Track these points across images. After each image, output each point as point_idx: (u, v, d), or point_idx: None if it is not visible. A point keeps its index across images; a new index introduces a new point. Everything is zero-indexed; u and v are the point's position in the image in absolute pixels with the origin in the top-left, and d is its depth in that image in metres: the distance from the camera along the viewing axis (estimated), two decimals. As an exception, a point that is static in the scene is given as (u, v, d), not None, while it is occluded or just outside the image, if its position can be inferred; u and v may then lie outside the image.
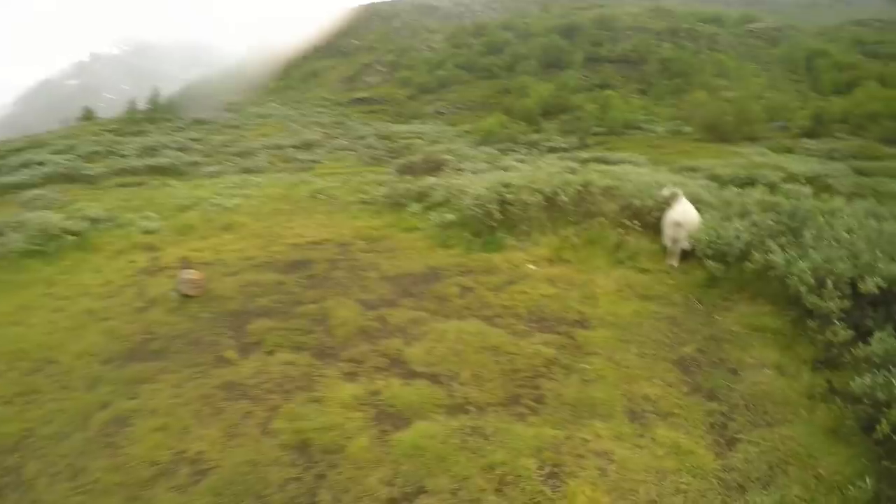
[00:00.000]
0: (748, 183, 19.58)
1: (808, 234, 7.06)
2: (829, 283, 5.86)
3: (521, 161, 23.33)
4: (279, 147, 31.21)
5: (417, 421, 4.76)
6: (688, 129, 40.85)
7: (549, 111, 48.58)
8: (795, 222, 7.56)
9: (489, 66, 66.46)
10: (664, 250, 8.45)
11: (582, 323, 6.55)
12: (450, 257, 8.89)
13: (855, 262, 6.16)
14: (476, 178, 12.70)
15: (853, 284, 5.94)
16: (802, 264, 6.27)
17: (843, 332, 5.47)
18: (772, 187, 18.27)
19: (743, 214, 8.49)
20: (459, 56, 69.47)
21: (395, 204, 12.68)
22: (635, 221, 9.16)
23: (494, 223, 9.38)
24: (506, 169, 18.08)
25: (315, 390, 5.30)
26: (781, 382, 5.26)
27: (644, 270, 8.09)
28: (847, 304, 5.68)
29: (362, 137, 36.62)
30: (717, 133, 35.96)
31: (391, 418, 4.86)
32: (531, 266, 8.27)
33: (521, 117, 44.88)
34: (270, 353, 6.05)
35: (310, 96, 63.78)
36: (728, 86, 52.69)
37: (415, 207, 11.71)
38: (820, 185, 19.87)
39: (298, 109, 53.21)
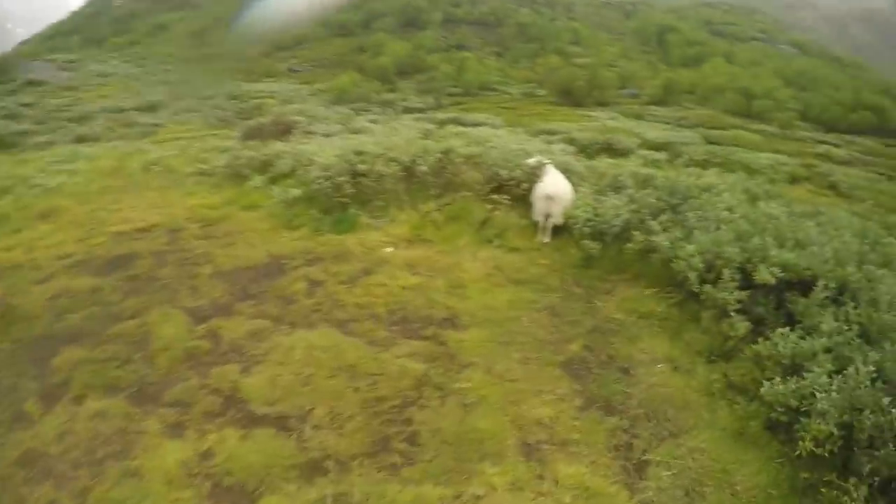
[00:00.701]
0: (606, 148, 19.83)
1: (690, 214, 6.52)
2: (725, 272, 5.30)
3: (375, 122, 22.29)
4: (120, 110, 27.64)
5: (266, 496, 3.54)
6: (542, 92, 42.15)
7: (405, 70, 48.18)
8: (675, 199, 7.02)
9: (345, 23, 64.19)
10: (535, 226, 7.65)
11: (452, 321, 5.52)
12: (296, 241, 7.48)
13: (742, 245, 5.68)
14: (326, 144, 11.25)
15: (743, 270, 5.46)
16: (689, 248, 5.67)
17: (742, 325, 4.95)
18: (644, 159, 18.80)
19: (617, 188, 7.89)
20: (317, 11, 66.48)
21: (237, 176, 10.87)
22: (503, 195, 8.24)
23: (346, 198, 8.09)
24: (359, 131, 16.76)
25: (132, 456, 3.88)
26: (678, 380, 4.76)
27: (514, 249, 7.23)
28: (743, 294, 5.12)
29: (210, 98, 33.32)
30: (571, 97, 37.54)
31: (231, 496, 3.59)
32: (389, 249, 7.13)
33: (376, 76, 44.15)
34: (79, 399, 4.48)
35: (156, 52, 58.45)
36: (582, 53, 54.83)
37: (257, 180, 10.03)
38: (674, 152, 20.63)
39: (143, 67, 48.44)
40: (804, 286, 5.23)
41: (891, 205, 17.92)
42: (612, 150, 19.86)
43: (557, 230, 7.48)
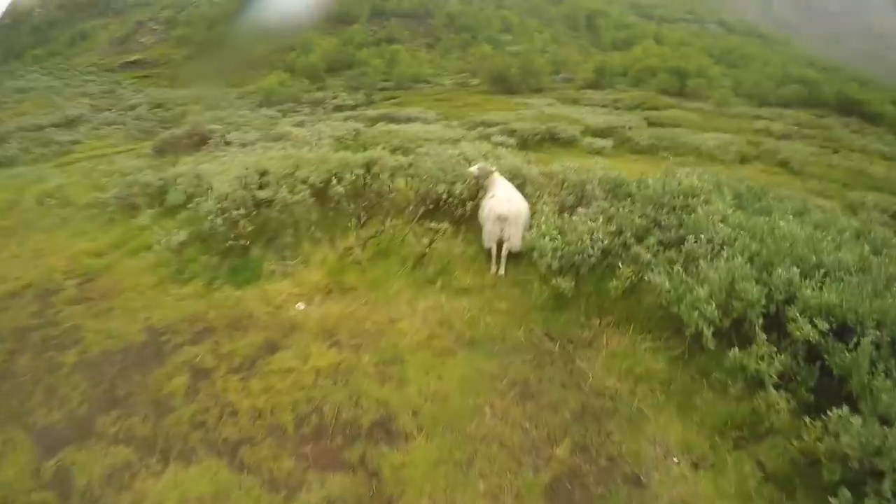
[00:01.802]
0: (549, 137, 18.65)
1: (686, 234, 5.10)
2: (757, 331, 3.90)
3: (301, 124, 20.83)
4: (38, 127, 26.10)
5: None
6: (475, 81, 42.06)
7: (335, 67, 47.18)
8: (660, 213, 5.56)
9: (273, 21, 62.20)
10: (487, 255, 6.06)
11: (387, 428, 3.83)
12: (183, 303, 5.69)
13: (761, 278, 4.38)
14: (234, 160, 9.38)
15: (766, 313, 4.18)
16: (701, 291, 4.21)
17: (782, 401, 3.67)
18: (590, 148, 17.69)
19: (584, 199, 6.39)
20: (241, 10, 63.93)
21: (130, 207, 8.93)
22: (442, 218, 6.56)
23: (245, 238, 6.28)
24: (279, 137, 15.03)
25: None
26: (704, 484, 3.49)
27: (463, 291, 5.62)
28: (783, 359, 3.73)
29: (133, 108, 32.75)
30: (505, 85, 37.43)
31: None
32: (300, 305, 5.40)
33: (305, 74, 43.06)
34: None
35: (77, 62, 56.55)
36: (513, 40, 54.40)
37: (147, 215, 8.08)
38: (620, 138, 19.58)
39: (64, 79, 46.77)
40: (841, 329, 3.99)
41: (845, 180, 17.38)
42: (555, 140, 18.84)
43: (514, 256, 5.93)
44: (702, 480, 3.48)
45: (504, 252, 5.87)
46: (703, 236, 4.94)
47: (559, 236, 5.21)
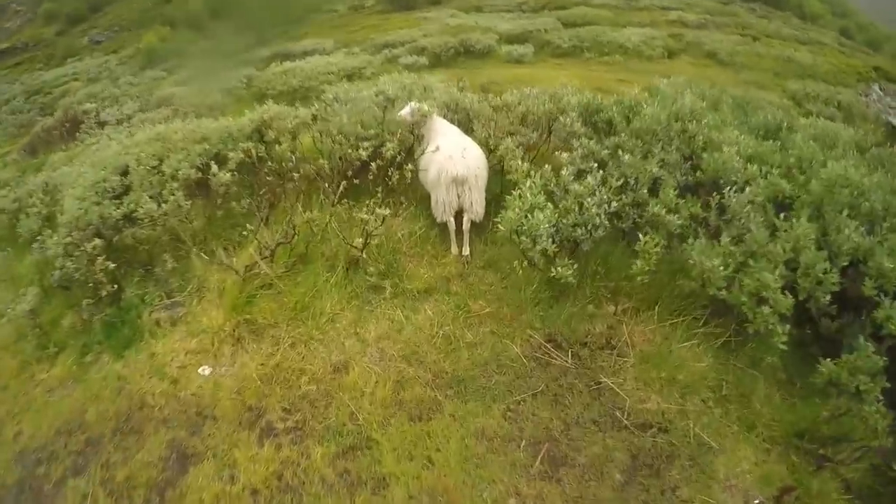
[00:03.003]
0: (463, 51, 17.07)
1: (699, 175, 3.89)
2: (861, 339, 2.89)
3: (184, 83, 18.80)
4: None
5: None
6: (370, 2, 39.52)
7: (218, 11, 42.97)
8: (668, 151, 4.20)
9: (142, -26, 56.88)
10: (441, 230, 4.60)
11: None
12: (53, 400, 3.99)
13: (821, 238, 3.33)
14: (94, 157, 7.20)
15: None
16: (767, 276, 3.00)
17: (879, 416, 2.76)
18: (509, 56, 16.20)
19: (561, 136, 4.91)
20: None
21: None
22: (373, 191, 4.74)
23: (110, 282, 4.38)
24: (161, 103, 12.95)
25: None
26: None
27: (423, 294, 4.14)
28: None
29: (8, 101, 29.23)
30: (401, 2, 34.81)
31: None
32: (204, 369, 3.79)
33: (187, 25, 39.08)
34: None
35: None
36: (397, -47, 51.18)
37: None
38: (538, 42, 18.16)
39: None
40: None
41: (776, 69, 16.79)
42: (470, 52, 17.52)
43: (476, 225, 4.47)
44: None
45: (466, 225, 4.41)
46: (734, 181, 3.66)
47: (549, 205, 3.77)
